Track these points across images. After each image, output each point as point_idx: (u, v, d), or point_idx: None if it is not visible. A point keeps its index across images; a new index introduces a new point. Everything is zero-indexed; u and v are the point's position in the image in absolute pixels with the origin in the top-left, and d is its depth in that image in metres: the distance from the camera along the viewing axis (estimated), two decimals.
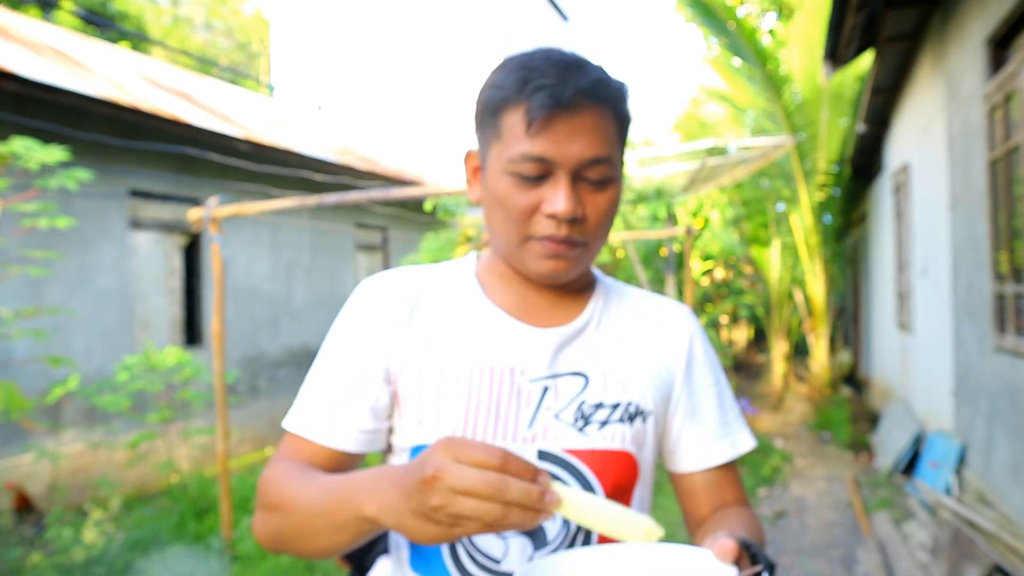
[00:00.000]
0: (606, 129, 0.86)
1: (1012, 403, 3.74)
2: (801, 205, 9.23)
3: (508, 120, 0.85)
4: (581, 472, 0.88)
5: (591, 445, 0.89)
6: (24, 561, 3.60)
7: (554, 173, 0.84)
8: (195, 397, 5.22)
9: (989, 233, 4.04)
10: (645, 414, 0.93)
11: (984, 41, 4.03)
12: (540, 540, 0.87)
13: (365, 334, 0.91)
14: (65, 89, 4.85)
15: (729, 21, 8.29)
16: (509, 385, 0.89)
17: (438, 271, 0.98)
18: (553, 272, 0.88)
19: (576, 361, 0.92)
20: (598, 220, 0.88)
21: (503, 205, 0.86)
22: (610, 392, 0.91)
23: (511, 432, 0.87)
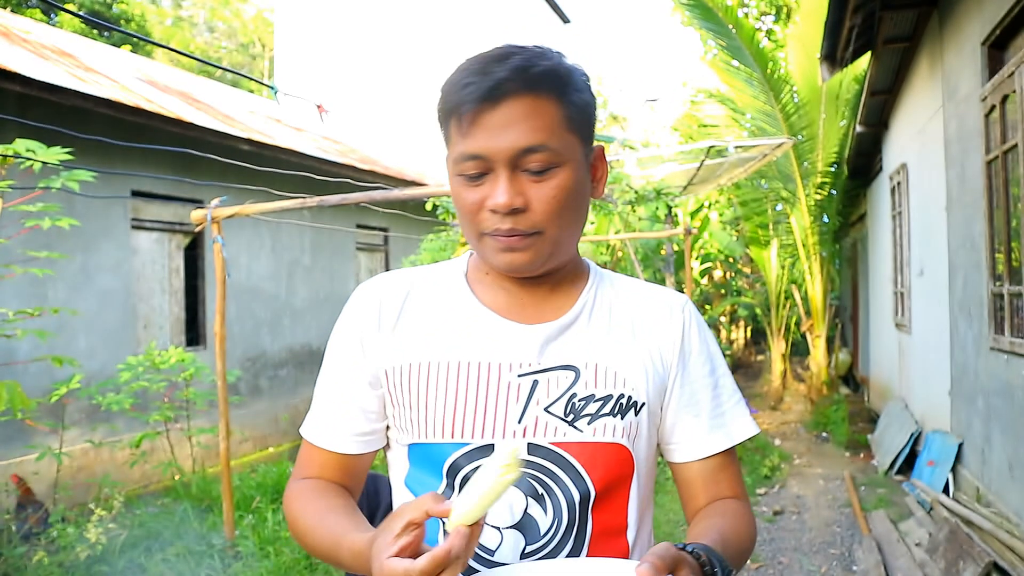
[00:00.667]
0: (541, 116, 0.84)
1: (1009, 402, 3.77)
2: (799, 205, 9.25)
3: (450, 126, 0.88)
4: (572, 465, 0.88)
5: (581, 438, 0.88)
6: (28, 559, 3.63)
7: (494, 168, 0.85)
8: (197, 396, 5.25)
9: (986, 233, 4.07)
10: (638, 406, 0.91)
11: (981, 43, 4.05)
12: (532, 535, 0.88)
13: (355, 340, 0.95)
14: (68, 89, 4.88)
15: (729, 23, 8.31)
16: (497, 381, 0.89)
17: (430, 272, 1.00)
18: (511, 265, 0.88)
19: (566, 354, 0.91)
20: (545, 209, 0.86)
21: (457, 205, 0.90)
22: (601, 384, 0.90)
23: (500, 427, 0.88)
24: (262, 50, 28.27)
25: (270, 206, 4.03)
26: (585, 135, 0.91)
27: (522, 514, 0.88)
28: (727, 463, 1.00)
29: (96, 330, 5.48)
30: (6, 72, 4.46)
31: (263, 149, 6.80)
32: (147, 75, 8.13)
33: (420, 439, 0.91)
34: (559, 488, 0.88)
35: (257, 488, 4.87)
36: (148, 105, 5.77)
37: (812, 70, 8.67)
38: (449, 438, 0.89)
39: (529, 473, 0.88)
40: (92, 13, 15.22)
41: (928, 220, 5.65)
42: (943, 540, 3.81)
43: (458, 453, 0.89)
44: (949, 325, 4.98)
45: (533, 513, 0.88)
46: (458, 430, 0.89)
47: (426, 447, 0.91)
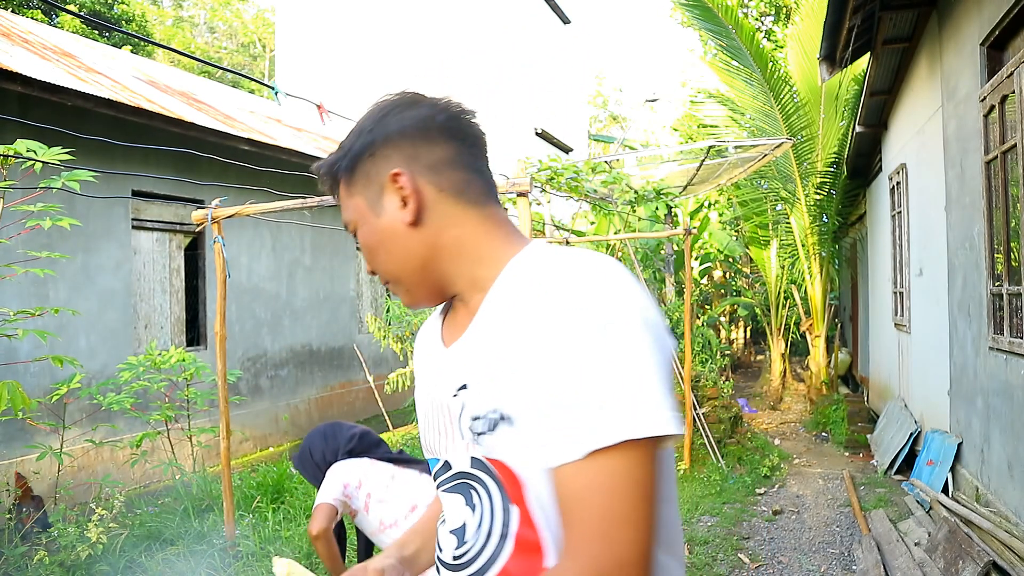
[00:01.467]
0: (343, 200, 1.00)
1: (1008, 402, 3.77)
2: (799, 205, 9.27)
3: None
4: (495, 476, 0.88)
5: (485, 453, 0.88)
6: (29, 558, 3.64)
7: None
8: (197, 396, 5.26)
9: (985, 233, 4.08)
10: (509, 420, 0.82)
11: (980, 44, 4.06)
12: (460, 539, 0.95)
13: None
14: (68, 90, 4.89)
15: (729, 23, 8.32)
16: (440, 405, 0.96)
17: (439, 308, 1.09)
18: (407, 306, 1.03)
19: (464, 373, 0.90)
20: (375, 263, 1.00)
21: None
22: (480, 402, 0.86)
23: (450, 445, 0.94)
24: (262, 50, 28.28)
25: (270, 206, 4.04)
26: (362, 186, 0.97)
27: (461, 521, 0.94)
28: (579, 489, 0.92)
29: (97, 330, 5.49)
30: (7, 72, 4.47)
31: (263, 149, 6.81)
32: (148, 75, 8.13)
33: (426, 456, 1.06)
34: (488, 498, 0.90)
35: (257, 488, 4.88)
36: (149, 105, 5.78)
37: (812, 70, 8.68)
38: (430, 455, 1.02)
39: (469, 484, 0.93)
40: (93, 14, 15.23)
41: (927, 220, 5.66)
42: (942, 539, 3.82)
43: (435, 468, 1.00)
44: (948, 325, 4.99)
45: (466, 519, 0.93)
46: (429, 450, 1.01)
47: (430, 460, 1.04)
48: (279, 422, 7.43)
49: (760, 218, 10.24)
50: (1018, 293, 3.68)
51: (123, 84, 6.45)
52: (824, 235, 9.39)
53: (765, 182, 9.75)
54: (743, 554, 4.28)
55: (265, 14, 28.44)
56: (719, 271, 13.55)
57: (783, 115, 8.80)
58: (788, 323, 10.68)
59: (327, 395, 8.25)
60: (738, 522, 4.87)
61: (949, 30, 4.76)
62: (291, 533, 4.11)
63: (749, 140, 8.16)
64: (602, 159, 8.17)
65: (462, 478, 0.93)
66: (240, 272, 6.89)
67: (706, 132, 11.62)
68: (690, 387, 6.11)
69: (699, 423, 6.33)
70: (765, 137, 8.32)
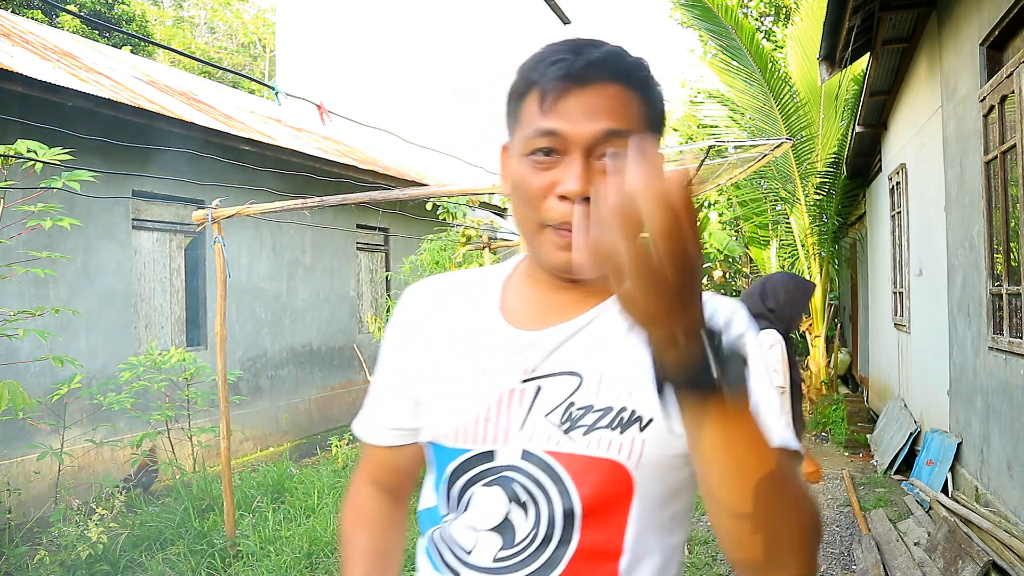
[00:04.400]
0: (627, 107, 0.82)
1: (1007, 402, 3.78)
2: (799, 206, 9.27)
3: (526, 103, 0.84)
4: (560, 476, 0.83)
5: (573, 449, 0.83)
6: (29, 558, 3.64)
7: (568, 152, 0.81)
8: (198, 396, 5.27)
9: (985, 233, 4.08)
10: (643, 421, 0.83)
11: (979, 44, 4.07)
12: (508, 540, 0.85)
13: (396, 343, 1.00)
14: (69, 90, 4.89)
15: (728, 23, 8.33)
16: (501, 387, 0.87)
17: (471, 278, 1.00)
18: (566, 265, 0.83)
19: (572, 360, 0.86)
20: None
21: (519, 190, 0.85)
22: (603, 395, 0.84)
23: (502, 434, 0.86)
24: (263, 51, 28.29)
25: (271, 206, 4.04)
26: (657, 139, 0.87)
27: (502, 518, 0.85)
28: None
29: (97, 330, 5.49)
30: (8, 72, 4.47)
31: (264, 149, 6.81)
32: (148, 75, 8.14)
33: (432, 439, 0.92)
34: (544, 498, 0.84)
35: (258, 488, 4.88)
36: (149, 105, 5.79)
37: (811, 70, 8.69)
38: (452, 444, 0.89)
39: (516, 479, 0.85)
40: (93, 14, 15.24)
41: (927, 220, 5.67)
42: (942, 539, 3.83)
43: (460, 459, 0.88)
44: (948, 325, 4.99)
45: (513, 519, 0.85)
46: (461, 437, 0.88)
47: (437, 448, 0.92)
48: (279, 422, 7.43)
49: (760, 218, 10.25)
50: (1018, 293, 3.68)
51: (123, 84, 6.46)
52: (824, 235, 9.39)
53: (765, 182, 9.76)
54: None
55: (265, 14, 28.46)
56: (719, 271, 13.56)
57: (783, 115, 8.81)
58: None
59: (327, 395, 8.26)
60: None
61: (949, 30, 4.76)
62: (291, 533, 4.11)
63: (749, 140, 8.16)
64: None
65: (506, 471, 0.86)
66: (240, 272, 6.90)
67: (706, 132, 11.63)
68: None
69: None
70: (765, 137, 8.32)
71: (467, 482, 0.88)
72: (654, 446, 0.83)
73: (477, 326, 0.92)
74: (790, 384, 2.93)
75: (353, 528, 1.05)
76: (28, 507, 4.53)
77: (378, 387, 1.02)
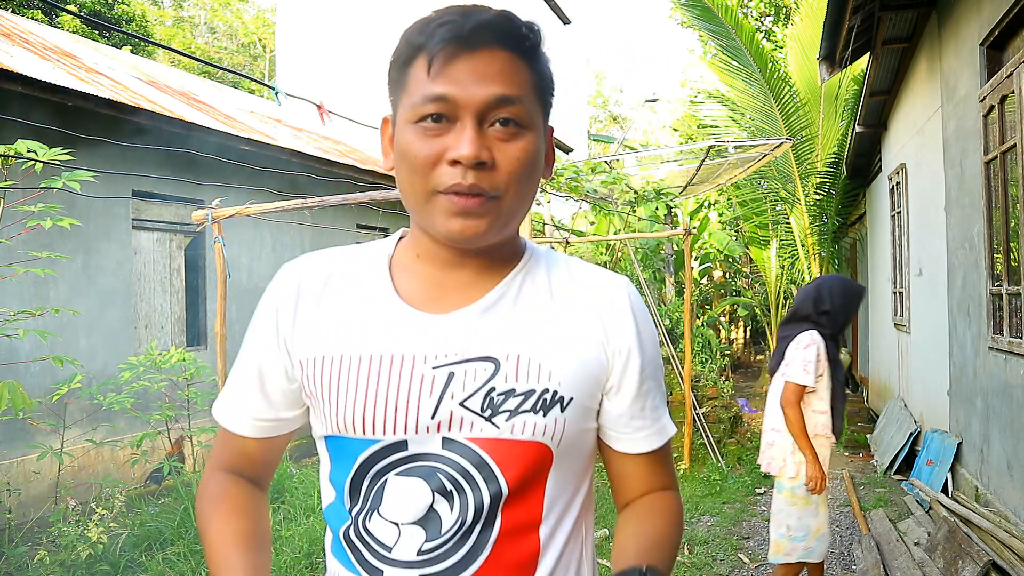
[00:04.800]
0: (517, 73, 0.80)
1: (1007, 402, 3.78)
2: (799, 205, 9.27)
3: (413, 69, 0.82)
4: (486, 462, 0.82)
5: (498, 435, 0.82)
6: (30, 558, 3.64)
7: (459, 118, 0.79)
8: (198, 396, 5.27)
9: (985, 233, 4.08)
10: (564, 401, 0.84)
11: (979, 44, 4.07)
12: (434, 531, 0.83)
13: (270, 324, 0.91)
14: (69, 90, 4.89)
15: (728, 23, 8.33)
16: (410, 373, 0.83)
17: (354, 255, 0.94)
18: (462, 233, 0.81)
19: (485, 344, 0.84)
20: (511, 170, 0.80)
21: (407, 158, 0.81)
22: (523, 378, 0.83)
23: (413, 422, 0.83)
24: (262, 51, 28.29)
25: (271, 206, 4.04)
26: (546, 110, 0.86)
27: (426, 510, 0.83)
28: (665, 454, 0.96)
29: (97, 330, 5.49)
30: (8, 72, 4.47)
31: (264, 149, 6.81)
32: (148, 75, 8.14)
33: (334, 432, 0.87)
34: (469, 486, 0.82)
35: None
36: (149, 105, 5.79)
37: (811, 70, 8.69)
38: (360, 434, 0.84)
39: (440, 469, 0.83)
40: (93, 14, 15.24)
41: (927, 220, 5.67)
42: (942, 539, 3.83)
43: (370, 450, 0.84)
44: (948, 325, 4.99)
45: (439, 509, 0.83)
46: (368, 426, 0.84)
47: (340, 441, 0.87)
48: None
49: (760, 218, 10.25)
50: (1018, 293, 3.68)
51: (123, 84, 6.46)
52: (824, 235, 9.39)
53: (765, 182, 9.76)
54: (743, 554, 4.29)
55: (265, 14, 28.46)
56: (719, 271, 13.56)
57: (783, 115, 8.81)
58: None
59: None
60: (738, 522, 4.87)
61: (949, 30, 4.76)
62: (291, 533, 4.11)
63: (749, 140, 8.17)
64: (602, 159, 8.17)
65: (424, 460, 0.83)
66: (240, 272, 6.90)
67: (706, 132, 11.63)
68: (690, 387, 6.12)
69: (699, 423, 6.34)
70: (765, 137, 8.32)
71: (377, 473, 0.84)
72: (574, 424, 0.86)
73: (370, 307, 0.88)
74: (833, 383, 3.08)
75: (220, 516, 0.92)
76: (28, 507, 4.53)
77: (245, 370, 0.94)
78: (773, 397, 3.16)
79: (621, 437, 0.92)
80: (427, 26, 0.80)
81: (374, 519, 0.85)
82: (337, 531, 0.90)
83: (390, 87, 0.87)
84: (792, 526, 3.01)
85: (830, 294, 3.09)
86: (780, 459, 3.08)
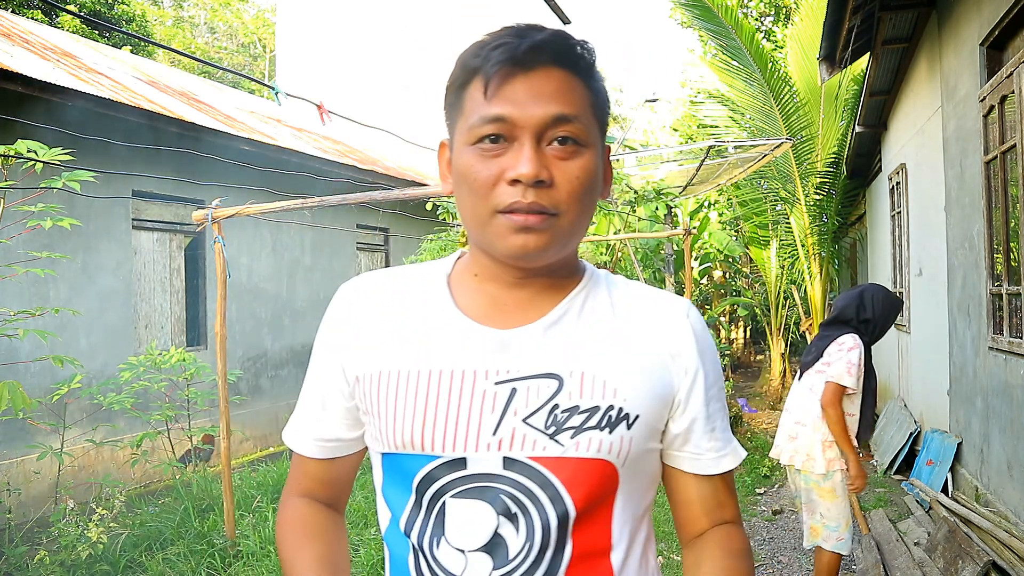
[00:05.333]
0: (573, 92, 0.81)
1: (1007, 402, 3.78)
2: (799, 205, 9.27)
3: (469, 91, 0.82)
4: (551, 482, 0.81)
5: (562, 453, 0.81)
6: (30, 558, 3.64)
7: (517, 138, 0.79)
8: (198, 396, 5.27)
9: (985, 233, 4.08)
10: (630, 419, 0.83)
11: (979, 44, 4.06)
12: (501, 558, 0.80)
13: (329, 343, 0.92)
14: (69, 90, 4.89)
15: (728, 23, 8.33)
16: (471, 389, 0.82)
17: (412, 272, 0.95)
18: (523, 249, 0.80)
19: (548, 361, 0.83)
20: (570, 189, 0.80)
21: (467, 180, 0.81)
22: (587, 395, 0.82)
23: (473, 439, 0.81)
24: (262, 51, 28.29)
25: (270, 206, 4.04)
26: (603, 127, 0.86)
27: (491, 535, 0.81)
28: (732, 481, 0.95)
29: (97, 330, 5.49)
30: (8, 72, 4.48)
31: (264, 149, 6.82)
32: (148, 75, 8.14)
33: (391, 450, 0.86)
34: (535, 507, 0.80)
35: (258, 487, 4.88)
36: (149, 105, 5.79)
37: (811, 70, 8.69)
38: (419, 450, 0.83)
39: (502, 490, 0.81)
40: (93, 14, 15.23)
41: (927, 220, 5.67)
42: (942, 539, 3.83)
43: (429, 467, 0.83)
44: (948, 325, 4.99)
45: (504, 534, 0.81)
46: (428, 442, 0.82)
47: (397, 458, 0.86)
48: (279, 422, 7.43)
49: (760, 218, 10.24)
50: (1018, 293, 3.68)
51: (123, 84, 6.46)
52: (824, 235, 9.39)
53: (765, 182, 9.75)
54: None
55: (265, 14, 28.46)
56: (719, 271, 13.56)
57: (783, 115, 8.81)
58: (788, 323, 10.69)
59: None
60: None
61: (949, 30, 4.76)
62: None
63: (749, 140, 8.17)
64: None
65: (486, 481, 0.81)
66: (240, 272, 6.90)
67: (706, 132, 11.64)
68: None
69: None
70: (765, 137, 8.32)
71: (435, 494, 0.83)
72: (640, 442, 0.84)
73: (430, 321, 0.87)
74: (865, 390, 3.15)
75: (297, 541, 0.92)
76: (28, 507, 4.54)
77: (309, 392, 0.95)
78: (801, 392, 3.22)
79: (691, 457, 0.90)
80: (482, 49, 0.81)
81: (442, 547, 0.82)
82: (399, 557, 0.87)
83: (446, 111, 0.87)
84: (824, 514, 3.16)
85: (872, 302, 3.18)
86: (804, 453, 3.15)
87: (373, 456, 0.92)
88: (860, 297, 3.20)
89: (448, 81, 0.85)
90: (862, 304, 3.17)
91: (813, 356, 3.21)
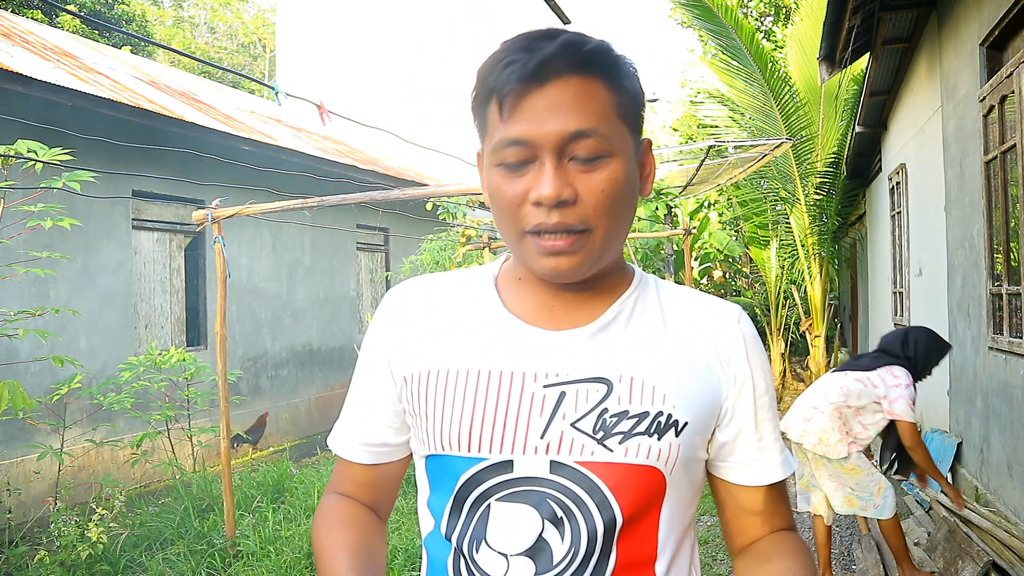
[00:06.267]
0: (592, 99, 0.77)
1: (1007, 402, 3.78)
2: (799, 205, 9.27)
3: (489, 111, 0.80)
4: (598, 487, 0.79)
5: (610, 458, 0.79)
6: (29, 558, 3.64)
7: (538, 157, 0.77)
8: (198, 396, 5.27)
9: (984, 233, 4.08)
10: (679, 425, 0.82)
11: (979, 44, 4.07)
12: (544, 563, 0.79)
13: (377, 347, 0.92)
14: (69, 90, 4.89)
15: (728, 23, 8.33)
16: (520, 391, 0.81)
17: (459, 275, 0.94)
18: (555, 271, 0.79)
19: (598, 365, 0.82)
20: (595, 203, 0.77)
21: (495, 200, 0.81)
22: (636, 400, 0.81)
23: (521, 442, 0.80)
24: (262, 50, 28.29)
25: (271, 206, 4.04)
26: (635, 126, 0.83)
27: (535, 539, 0.79)
28: (784, 491, 0.92)
29: (97, 330, 5.50)
30: (8, 72, 4.48)
31: (264, 149, 6.82)
32: (148, 75, 8.14)
33: (437, 451, 0.85)
34: (581, 513, 0.79)
35: (258, 488, 4.88)
36: (149, 105, 5.79)
37: (811, 70, 8.69)
38: (465, 451, 0.82)
39: (549, 495, 0.79)
40: (93, 14, 15.23)
41: (927, 220, 5.67)
42: (942, 539, 3.83)
43: (474, 469, 0.82)
44: (948, 325, 4.99)
45: (548, 539, 0.79)
46: (475, 443, 0.81)
47: (442, 460, 0.85)
48: (279, 422, 7.43)
49: (760, 218, 10.25)
50: (1018, 293, 3.68)
51: (123, 84, 6.46)
52: (824, 235, 9.39)
53: (765, 182, 9.76)
54: None
55: (265, 14, 28.47)
56: (719, 271, 13.56)
57: (783, 115, 8.81)
58: (788, 323, 10.69)
59: (327, 395, 8.26)
60: None
61: (949, 30, 4.76)
62: (291, 533, 4.11)
63: (749, 140, 8.17)
64: None
65: (532, 485, 0.80)
66: (240, 272, 6.90)
67: (706, 132, 11.64)
68: None
69: None
70: (765, 137, 8.32)
71: (479, 497, 0.82)
72: (688, 450, 0.83)
73: (478, 322, 0.87)
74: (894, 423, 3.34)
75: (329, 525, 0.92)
76: (28, 507, 4.54)
77: (355, 396, 0.95)
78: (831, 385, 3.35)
79: (739, 468, 0.89)
80: (495, 65, 0.78)
81: (482, 550, 0.81)
82: (437, 561, 0.86)
83: (476, 124, 0.85)
84: (855, 488, 3.34)
85: (915, 343, 3.36)
86: (815, 435, 3.31)
87: (417, 463, 0.91)
88: (905, 335, 3.40)
89: (471, 95, 0.84)
90: (906, 342, 3.36)
91: (864, 365, 3.35)
